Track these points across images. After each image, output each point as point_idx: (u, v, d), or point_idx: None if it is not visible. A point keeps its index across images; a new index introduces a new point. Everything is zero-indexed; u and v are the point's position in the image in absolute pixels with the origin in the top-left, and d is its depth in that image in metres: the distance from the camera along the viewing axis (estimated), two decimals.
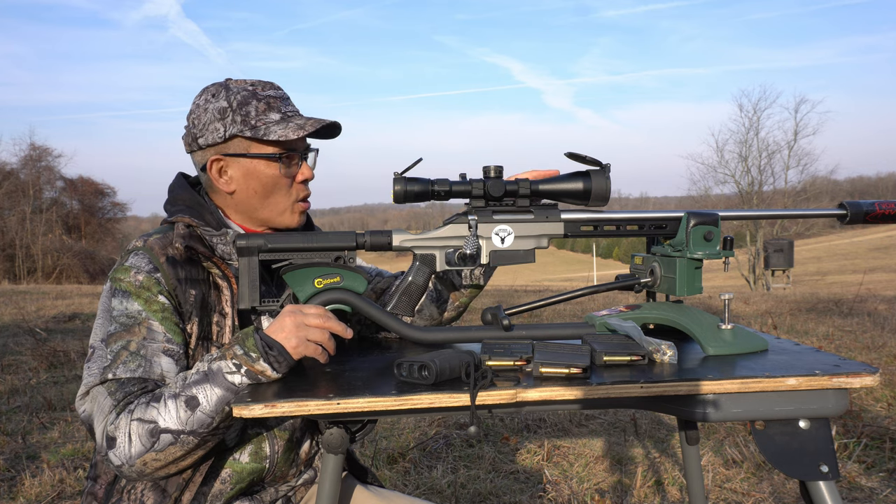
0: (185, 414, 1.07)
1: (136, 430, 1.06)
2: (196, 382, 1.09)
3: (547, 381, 1.05)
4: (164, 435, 1.07)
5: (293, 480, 1.35)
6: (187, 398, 1.08)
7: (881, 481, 2.60)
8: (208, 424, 1.09)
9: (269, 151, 1.26)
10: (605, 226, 1.30)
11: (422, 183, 1.24)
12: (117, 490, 1.19)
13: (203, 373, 1.10)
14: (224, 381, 1.09)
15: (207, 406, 1.08)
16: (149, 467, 1.08)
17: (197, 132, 1.27)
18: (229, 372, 1.09)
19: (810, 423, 1.06)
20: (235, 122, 1.24)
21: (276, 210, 1.30)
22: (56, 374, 4.55)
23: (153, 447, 1.06)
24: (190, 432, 1.08)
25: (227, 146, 1.26)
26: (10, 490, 2.64)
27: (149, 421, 1.07)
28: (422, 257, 1.29)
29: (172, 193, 1.32)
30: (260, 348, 1.09)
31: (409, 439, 3.16)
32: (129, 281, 1.19)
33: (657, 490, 2.62)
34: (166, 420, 1.07)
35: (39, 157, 29.77)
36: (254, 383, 1.10)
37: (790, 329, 6.05)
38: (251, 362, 1.09)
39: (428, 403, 1.01)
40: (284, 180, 1.29)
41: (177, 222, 1.24)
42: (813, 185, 31.30)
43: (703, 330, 1.22)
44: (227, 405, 1.09)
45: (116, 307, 1.19)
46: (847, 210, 1.33)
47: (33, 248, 25.55)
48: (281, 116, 1.26)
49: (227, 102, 1.24)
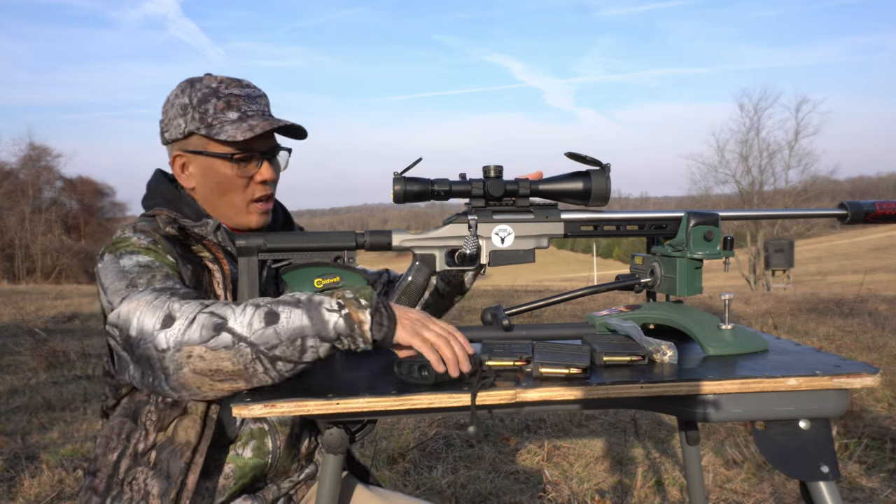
0: (258, 324, 0.99)
1: (203, 320, 0.99)
2: (285, 303, 1.01)
3: (547, 382, 1.04)
4: (225, 334, 0.98)
5: (295, 475, 1.35)
6: (268, 311, 1.00)
7: (882, 482, 2.60)
8: (272, 346, 0.99)
9: (225, 151, 1.26)
10: (605, 226, 1.30)
11: (422, 183, 1.24)
12: (116, 483, 1.17)
13: (297, 300, 1.02)
14: (317, 314, 1.00)
15: (285, 327, 0.99)
16: (190, 364, 0.99)
17: (163, 127, 1.30)
18: (329, 309, 1.00)
19: (811, 423, 1.06)
20: (194, 119, 1.25)
21: (231, 209, 1.31)
22: (55, 375, 4.55)
23: (208, 342, 0.98)
24: (251, 344, 0.98)
25: (187, 143, 1.28)
26: (10, 490, 2.64)
27: (220, 316, 0.99)
28: (422, 257, 1.29)
29: (150, 188, 1.32)
30: (373, 302, 1.02)
31: (409, 439, 3.16)
32: (133, 243, 1.17)
33: (657, 490, 2.62)
34: (236, 322, 0.99)
35: (39, 156, 29.82)
36: (344, 336, 1.00)
37: (790, 329, 6.05)
38: (356, 308, 1.00)
39: (428, 403, 1.01)
40: (239, 180, 1.29)
41: (157, 215, 1.24)
42: (814, 185, 31.28)
43: (704, 330, 1.22)
44: (302, 341, 0.99)
45: (127, 264, 1.14)
46: (848, 210, 1.33)
47: (32, 248, 25.57)
48: (239, 116, 1.26)
49: (188, 99, 1.26)
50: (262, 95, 1.32)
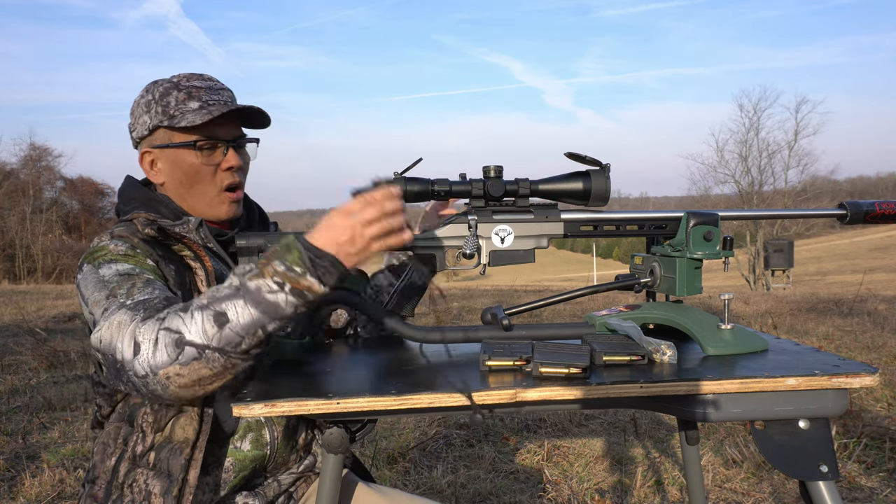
0: (211, 329, 0.98)
1: (163, 339, 0.98)
2: (227, 297, 0.99)
3: (547, 381, 1.05)
4: (189, 348, 0.97)
5: (295, 467, 1.35)
6: (215, 313, 0.98)
7: (881, 481, 2.60)
8: (236, 344, 0.98)
9: (189, 139, 1.28)
10: (604, 226, 1.30)
11: (422, 183, 1.24)
12: (116, 487, 1.17)
13: (235, 287, 0.99)
14: (264, 302, 0.98)
15: (238, 323, 0.98)
16: (173, 382, 0.99)
17: (132, 127, 1.32)
18: (270, 291, 0.98)
19: (810, 423, 1.06)
20: (157, 114, 1.27)
21: (202, 200, 1.31)
22: (56, 374, 4.55)
23: (177, 359, 0.97)
24: (216, 349, 0.98)
25: (153, 138, 1.29)
26: (10, 490, 2.64)
27: (175, 331, 0.98)
28: (422, 257, 1.29)
29: (122, 195, 1.32)
30: (306, 261, 0.98)
31: (409, 439, 3.16)
32: (111, 251, 1.16)
33: (657, 490, 2.62)
34: (191, 332, 0.98)
35: (39, 156, 29.81)
36: (301, 305, 1.00)
37: (790, 329, 6.05)
38: (296, 278, 0.98)
39: (428, 403, 1.01)
40: (206, 168, 1.29)
41: (134, 218, 1.23)
42: (813, 185, 31.30)
43: (703, 330, 1.22)
44: (263, 329, 0.99)
45: (107, 273, 1.13)
46: (847, 210, 1.33)
47: (33, 248, 25.57)
48: (200, 105, 1.27)
49: (151, 96, 1.28)
50: (225, 88, 1.33)
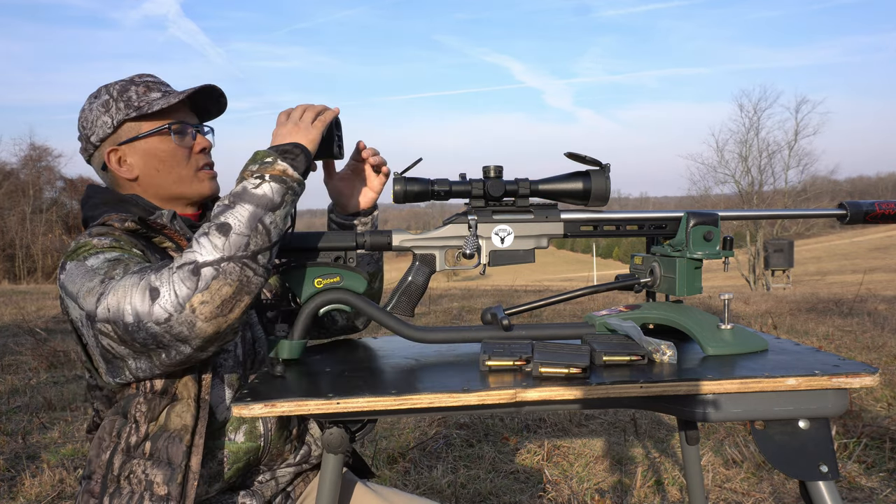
0: (219, 240, 1.03)
1: (178, 276, 1.01)
2: (222, 212, 1.07)
3: (547, 381, 1.05)
4: (205, 269, 1.02)
5: (291, 458, 1.35)
6: (217, 225, 1.05)
7: (881, 481, 2.60)
8: (245, 245, 1.04)
9: (161, 124, 1.30)
10: (604, 226, 1.30)
11: (422, 183, 1.24)
12: (112, 480, 1.15)
13: (225, 204, 1.08)
14: (252, 196, 1.07)
15: (240, 225, 1.05)
16: (199, 315, 1.01)
17: (88, 132, 1.31)
18: (255, 187, 1.08)
19: (810, 423, 1.06)
20: (120, 109, 1.28)
21: (180, 182, 1.33)
22: (56, 374, 4.55)
23: (198, 287, 1.01)
24: (229, 258, 1.03)
25: (119, 135, 1.30)
26: (10, 490, 2.64)
27: (186, 263, 1.02)
28: (422, 257, 1.29)
29: (88, 202, 1.30)
30: (273, 153, 1.11)
31: (409, 439, 3.16)
32: (94, 245, 1.15)
33: (657, 490, 2.62)
34: (203, 254, 1.02)
35: (39, 156, 29.79)
36: (286, 191, 1.10)
37: (790, 329, 6.05)
38: (271, 166, 1.09)
39: (428, 403, 1.02)
40: (182, 150, 1.32)
41: (106, 221, 1.21)
42: (813, 186, 31.32)
43: (703, 330, 1.22)
44: (262, 223, 1.06)
45: (95, 263, 1.12)
46: (847, 210, 1.33)
47: (33, 248, 25.56)
48: (161, 94, 1.31)
49: (108, 95, 1.29)
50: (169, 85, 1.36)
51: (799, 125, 30.96)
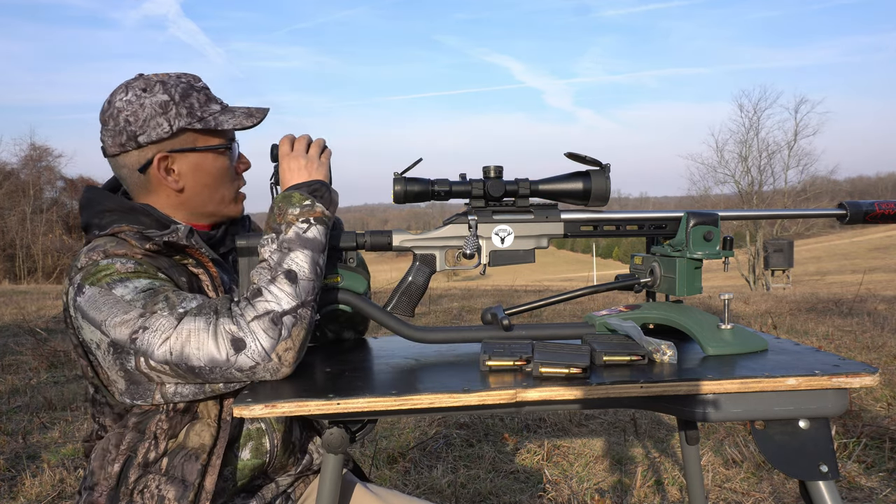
0: (290, 288, 1.08)
1: (260, 326, 1.05)
2: (280, 260, 1.11)
3: (547, 381, 1.05)
4: (286, 318, 1.07)
5: (293, 469, 1.35)
6: (285, 273, 1.09)
7: (881, 481, 2.60)
8: (312, 290, 1.11)
9: (218, 143, 1.27)
10: (604, 226, 1.30)
11: (422, 183, 1.24)
12: (124, 493, 1.13)
13: (278, 250, 1.12)
14: (306, 241, 1.12)
15: (304, 271, 1.10)
16: (285, 361, 1.07)
17: (136, 129, 1.19)
18: (304, 231, 1.13)
19: (810, 423, 1.07)
20: (181, 116, 1.21)
21: (223, 202, 1.31)
22: (56, 374, 4.55)
23: (280, 335, 1.06)
24: (303, 303, 1.09)
25: (175, 141, 1.22)
26: (11, 490, 2.65)
27: (265, 313, 1.06)
28: (422, 257, 1.29)
29: (92, 206, 1.22)
30: (307, 195, 1.16)
31: (409, 439, 3.16)
32: (117, 270, 1.10)
33: (657, 490, 2.62)
34: (281, 304, 1.07)
35: (39, 156, 29.78)
36: (328, 230, 1.17)
37: (790, 329, 6.05)
38: (311, 210, 1.14)
39: (428, 403, 1.02)
40: (231, 171, 1.31)
41: (117, 232, 1.17)
42: (813, 186, 31.30)
43: (703, 330, 1.22)
44: (318, 265, 1.13)
45: (125, 293, 1.08)
46: (847, 210, 1.33)
47: (33, 248, 25.56)
48: (221, 108, 1.27)
49: (167, 96, 1.20)
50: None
51: (798, 125, 30.97)
